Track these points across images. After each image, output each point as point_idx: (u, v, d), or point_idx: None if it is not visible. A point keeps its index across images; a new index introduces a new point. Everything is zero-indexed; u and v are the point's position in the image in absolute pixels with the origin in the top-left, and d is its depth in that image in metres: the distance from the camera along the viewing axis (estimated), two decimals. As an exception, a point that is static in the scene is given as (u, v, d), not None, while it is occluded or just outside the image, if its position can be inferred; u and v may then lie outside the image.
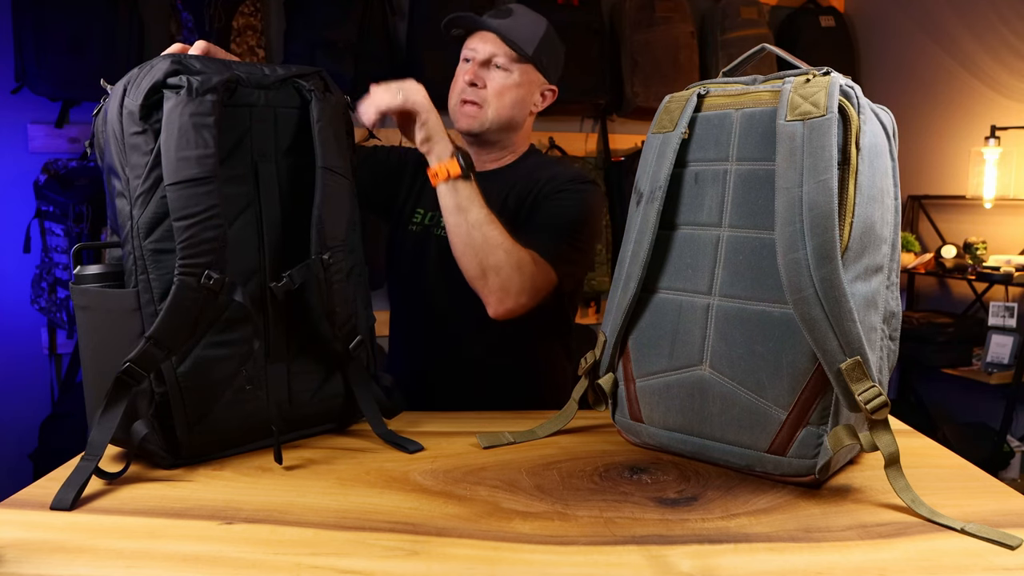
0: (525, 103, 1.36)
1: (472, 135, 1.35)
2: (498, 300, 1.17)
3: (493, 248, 1.15)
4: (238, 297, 0.87)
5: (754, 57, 0.97)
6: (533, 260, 1.20)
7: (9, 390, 2.76)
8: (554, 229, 1.27)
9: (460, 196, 1.14)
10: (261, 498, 0.81)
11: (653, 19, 2.96)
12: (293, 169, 0.95)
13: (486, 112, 1.32)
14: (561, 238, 1.26)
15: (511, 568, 0.66)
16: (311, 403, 0.99)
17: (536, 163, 1.40)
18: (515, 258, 1.16)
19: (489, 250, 1.15)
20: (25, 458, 2.58)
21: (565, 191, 1.31)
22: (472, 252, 1.16)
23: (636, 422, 0.94)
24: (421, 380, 1.40)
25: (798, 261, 0.77)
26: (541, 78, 1.37)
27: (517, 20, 1.32)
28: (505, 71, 1.32)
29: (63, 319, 2.62)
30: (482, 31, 1.34)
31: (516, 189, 1.34)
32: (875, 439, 0.77)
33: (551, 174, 1.34)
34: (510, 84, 1.32)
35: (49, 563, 0.66)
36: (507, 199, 1.33)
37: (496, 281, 1.16)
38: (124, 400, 0.83)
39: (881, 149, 0.83)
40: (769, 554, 0.69)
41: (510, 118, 1.34)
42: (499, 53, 1.31)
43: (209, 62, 0.88)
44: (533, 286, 1.19)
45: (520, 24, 1.33)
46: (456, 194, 1.14)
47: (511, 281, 1.16)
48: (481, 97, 1.32)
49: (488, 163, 1.40)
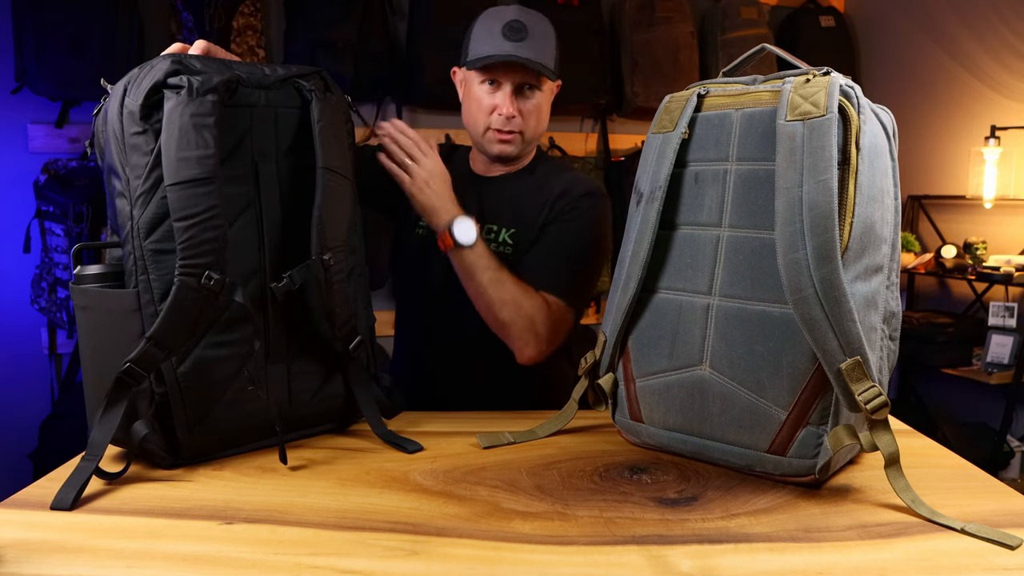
0: (548, 110, 1.38)
1: (507, 159, 1.36)
2: (519, 350, 1.25)
3: (503, 306, 1.21)
4: (238, 297, 0.87)
5: (754, 57, 0.97)
6: (548, 305, 1.24)
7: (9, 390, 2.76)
8: (567, 258, 1.30)
9: (464, 263, 1.20)
10: (261, 498, 0.81)
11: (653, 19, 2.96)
12: (294, 169, 0.95)
13: (522, 136, 1.34)
14: (573, 268, 1.30)
15: (511, 568, 0.66)
16: (311, 403, 0.99)
17: (547, 170, 1.40)
18: (527, 311, 1.22)
19: (500, 308, 1.21)
20: (25, 458, 2.58)
21: (579, 208, 1.32)
22: (486, 310, 1.23)
23: (636, 422, 0.94)
24: (425, 379, 1.41)
25: (798, 261, 0.77)
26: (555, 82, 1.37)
27: (534, 39, 1.29)
28: (535, 92, 1.32)
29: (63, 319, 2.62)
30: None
31: (530, 198, 1.34)
32: (875, 439, 0.77)
33: (565, 186, 1.34)
34: (541, 103, 1.34)
35: (49, 563, 0.66)
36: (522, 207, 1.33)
37: (514, 332, 1.23)
38: (124, 400, 0.83)
39: (881, 149, 0.83)
40: (769, 554, 0.69)
41: (541, 133, 1.38)
42: (530, 79, 1.31)
43: (209, 62, 0.88)
44: (551, 331, 1.25)
45: (538, 43, 1.30)
46: (460, 262, 1.20)
47: (528, 332, 1.23)
48: (517, 125, 1.32)
49: (499, 169, 1.40)
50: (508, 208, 1.35)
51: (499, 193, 1.37)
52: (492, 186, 1.39)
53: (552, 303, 1.25)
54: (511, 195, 1.35)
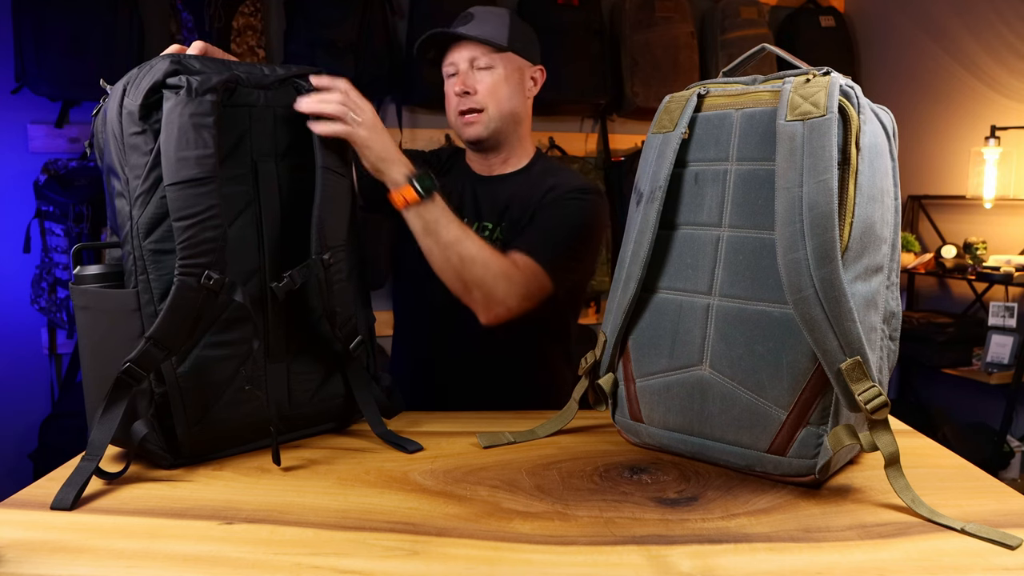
0: (519, 91, 1.37)
1: (480, 141, 1.36)
2: (484, 309, 1.18)
3: (470, 265, 1.14)
4: (238, 297, 0.87)
5: (754, 57, 0.97)
6: (519, 266, 1.20)
7: (9, 390, 2.76)
8: (551, 234, 1.27)
9: (426, 220, 1.12)
10: (261, 498, 0.81)
11: (653, 19, 2.96)
12: (293, 169, 0.95)
13: (487, 114, 1.33)
14: (558, 244, 1.26)
15: (511, 568, 0.66)
16: (311, 403, 0.99)
17: (544, 169, 1.40)
18: (496, 269, 1.16)
19: (466, 267, 1.14)
20: (25, 458, 2.58)
21: (568, 198, 1.31)
22: (451, 271, 1.15)
23: (636, 422, 0.94)
24: (424, 377, 1.41)
25: (798, 261, 0.77)
26: (524, 62, 1.38)
27: (480, 19, 1.34)
28: (489, 68, 1.33)
29: (63, 319, 2.62)
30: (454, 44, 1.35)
31: (523, 195, 1.34)
32: (875, 439, 0.77)
33: (557, 181, 1.34)
34: (499, 79, 1.33)
35: (49, 563, 0.66)
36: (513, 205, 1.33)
37: (479, 294, 1.17)
38: (124, 400, 0.83)
39: (881, 149, 0.83)
40: (769, 554, 0.69)
41: (511, 111, 1.35)
42: (477, 54, 1.33)
43: (209, 62, 0.88)
44: (522, 292, 1.19)
45: (484, 21, 1.34)
46: (420, 219, 1.11)
47: (495, 290, 1.17)
48: (477, 102, 1.33)
49: (496, 167, 1.40)
50: (503, 206, 1.35)
51: (496, 192, 1.37)
52: (489, 185, 1.39)
53: (527, 265, 1.21)
54: (507, 194, 1.36)
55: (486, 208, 1.36)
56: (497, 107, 1.33)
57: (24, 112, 2.70)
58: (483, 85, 1.32)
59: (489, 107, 1.33)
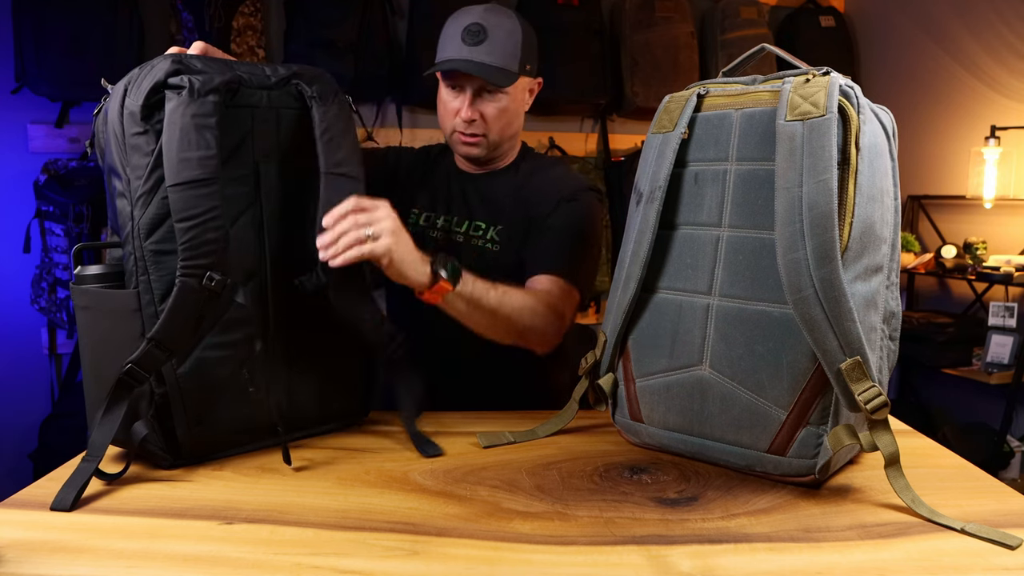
0: (520, 112, 1.35)
1: (477, 159, 1.35)
2: (539, 345, 1.22)
3: (518, 318, 1.15)
4: (240, 298, 0.87)
5: (754, 57, 0.97)
6: (553, 292, 1.23)
7: (9, 390, 2.76)
8: (567, 248, 1.29)
9: (466, 300, 1.08)
10: (261, 498, 0.81)
11: (653, 19, 2.96)
12: (295, 170, 0.95)
13: (488, 139, 1.32)
14: (575, 256, 1.29)
15: (511, 568, 0.66)
16: (311, 404, 0.99)
17: (533, 166, 1.40)
18: (538, 307, 1.19)
19: (514, 321, 1.15)
20: (25, 458, 2.58)
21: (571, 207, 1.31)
22: (501, 330, 1.16)
23: (636, 422, 0.94)
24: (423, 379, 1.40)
25: (798, 261, 0.77)
26: (528, 80, 1.36)
27: (492, 40, 1.26)
28: (497, 95, 1.29)
29: (63, 319, 2.62)
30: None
31: (516, 195, 1.34)
32: (875, 439, 0.77)
33: (551, 185, 1.34)
34: (504, 105, 1.30)
35: (49, 563, 0.66)
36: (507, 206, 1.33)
37: (534, 336, 1.20)
38: (125, 401, 0.83)
39: (881, 149, 0.83)
40: (769, 554, 0.69)
41: (512, 134, 1.35)
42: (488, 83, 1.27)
43: (211, 62, 0.88)
44: (565, 314, 1.23)
45: (497, 43, 1.26)
46: (461, 301, 1.08)
47: (547, 327, 1.20)
48: (480, 128, 1.30)
49: (485, 166, 1.40)
50: (494, 206, 1.35)
51: (484, 190, 1.37)
52: (477, 183, 1.38)
53: (551, 286, 1.23)
54: (497, 193, 1.35)
55: (477, 207, 1.36)
56: (500, 133, 1.32)
57: (24, 112, 2.70)
58: (489, 112, 1.29)
59: (491, 133, 1.31)
